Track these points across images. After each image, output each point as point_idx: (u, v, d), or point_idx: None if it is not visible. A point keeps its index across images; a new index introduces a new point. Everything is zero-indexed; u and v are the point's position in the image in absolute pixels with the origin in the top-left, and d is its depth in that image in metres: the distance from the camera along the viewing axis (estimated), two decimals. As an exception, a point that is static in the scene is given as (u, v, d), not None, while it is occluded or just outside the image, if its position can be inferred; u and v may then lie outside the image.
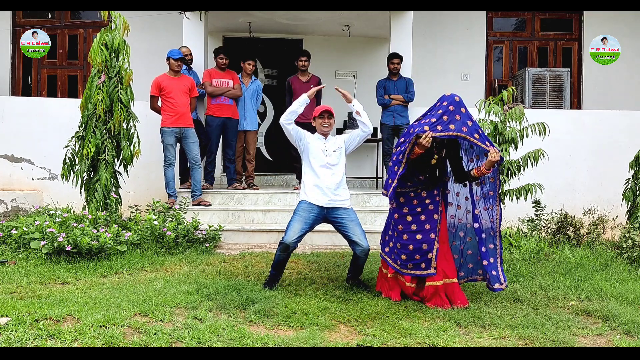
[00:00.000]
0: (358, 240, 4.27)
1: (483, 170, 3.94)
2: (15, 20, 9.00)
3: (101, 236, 5.07)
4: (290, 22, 8.28)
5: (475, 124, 3.96)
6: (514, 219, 6.57)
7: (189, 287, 4.22)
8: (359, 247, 4.27)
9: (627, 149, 6.98)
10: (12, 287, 4.19)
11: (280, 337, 3.33)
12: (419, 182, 4.12)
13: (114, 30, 5.83)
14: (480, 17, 9.20)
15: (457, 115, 3.92)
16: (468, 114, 3.97)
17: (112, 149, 5.80)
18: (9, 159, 7.33)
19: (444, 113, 3.92)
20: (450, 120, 3.90)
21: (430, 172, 4.12)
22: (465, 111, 3.96)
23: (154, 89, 6.41)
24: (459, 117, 3.91)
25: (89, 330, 3.23)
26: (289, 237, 4.22)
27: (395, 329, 3.54)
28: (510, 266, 4.97)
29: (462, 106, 3.95)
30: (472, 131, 3.91)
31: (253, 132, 7.24)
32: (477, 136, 3.92)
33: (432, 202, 4.11)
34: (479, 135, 3.93)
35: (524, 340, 3.42)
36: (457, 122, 3.90)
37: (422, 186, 4.13)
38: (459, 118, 3.91)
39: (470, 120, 3.94)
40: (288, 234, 4.24)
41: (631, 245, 5.31)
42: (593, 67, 8.84)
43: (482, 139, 3.93)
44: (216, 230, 5.86)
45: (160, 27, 8.57)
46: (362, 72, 9.06)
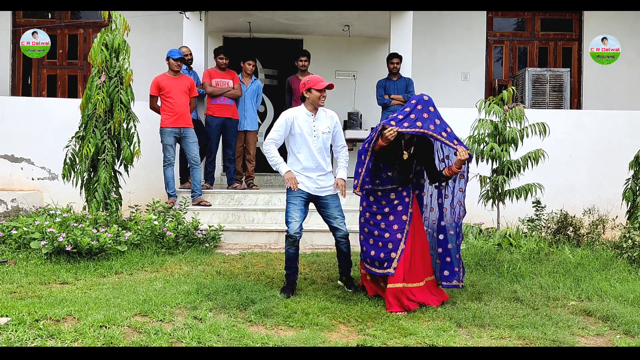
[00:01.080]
0: (337, 225, 4.32)
1: (454, 169, 3.99)
2: (15, 20, 9.00)
3: (101, 236, 5.07)
4: (290, 22, 8.28)
5: (443, 123, 4.00)
6: (514, 219, 6.57)
7: (189, 287, 4.22)
8: (339, 232, 4.32)
9: (627, 149, 6.98)
10: (12, 287, 4.19)
11: (280, 337, 3.33)
12: (388, 180, 4.13)
13: (114, 30, 5.83)
14: (480, 17, 9.20)
15: (425, 113, 3.97)
16: (437, 113, 4.01)
17: (112, 149, 5.79)
18: (9, 159, 7.33)
19: (411, 111, 3.99)
20: (417, 118, 3.96)
21: (400, 170, 4.12)
22: (434, 110, 4.01)
23: (153, 88, 6.40)
24: (426, 116, 3.97)
25: (89, 330, 3.23)
26: (293, 227, 4.20)
27: (395, 329, 3.54)
28: (510, 266, 4.97)
29: (431, 105, 4.02)
30: (439, 130, 3.96)
31: (253, 132, 7.24)
32: (444, 134, 3.95)
33: (401, 202, 4.12)
34: (447, 134, 3.96)
35: (524, 340, 3.43)
36: (425, 120, 3.96)
37: (390, 185, 4.14)
38: (426, 116, 3.97)
39: (438, 119, 3.99)
40: (291, 225, 4.21)
41: (631, 245, 5.31)
42: (593, 67, 8.83)
43: (449, 138, 3.96)
44: (216, 230, 5.86)
45: (160, 27, 8.57)
46: (362, 72, 9.06)
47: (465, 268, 4.37)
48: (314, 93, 4.26)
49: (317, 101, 4.29)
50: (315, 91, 4.26)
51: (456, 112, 7.42)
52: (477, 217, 6.88)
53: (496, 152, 5.77)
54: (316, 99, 4.28)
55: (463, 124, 6.39)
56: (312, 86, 4.26)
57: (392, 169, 4.11)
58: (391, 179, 4.12)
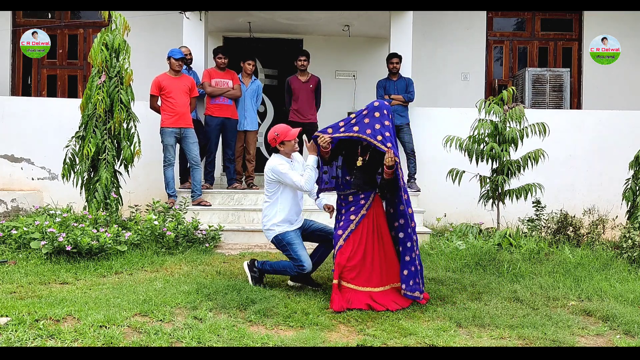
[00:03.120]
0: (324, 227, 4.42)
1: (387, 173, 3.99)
2: (15, 20, 9.00)
3: (101, 236, 5.07)
4: (290, 22, 8.28)
5: (384, 127, 3.98)
6: (514, 219, 6.57)
7: (189, 287, 4.22)
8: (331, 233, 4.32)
9: (627, 149, 6.98)
10: (12, 287, 4.19)
11: (280, 337, 3.33)
12: (347, 185, 4.18)
13: (115, 30, 5.83)
14: (480, 17, 9.20)
15: (367, 118, 4.03)
16: (381, 119, 4.01)
17: (112, 149, 5.79)
18: (9, 159, 7.33)
19: (355, 117, 4.09)
20: (357, 122, 4.05)
21: (359, 176, 4.14)
22: (379, 115, 4.02)
23: (154, 88, 6.40)
24: (367, 120, 4.03)
25: (89, 330, 3.23)
26: (308, 263, 4.21)
27: (395, 329, 3.54)
28: (510, 266, 4.97)
29: (378, 111, 4.03)
30: (376, 133, 3.96)
31: (253, 132, 7.24)
32: (380, 138, 3.94)
33: (355, 205, 4.13)
34: (382, 137, 3.94)
35: (524, 340, 3.43)
36: (365, 124, 4.01)
37: (349, 189, 4.16)
38: (367, 121, 4.03)
39: (379, 124, 3.99)
40: (306, 262, 4.19)
41: (631, 245, 5.31)
42: (593, 67, 8.83)
43: (384, 141, 3.94)
44: (216, 230, 5.86)
45: (160, 27, 8.56)
46: (362, 72, 9.06)
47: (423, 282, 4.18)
48: (288, 144, 4.32)
49: (294, 149, 4.36)
50: (288, 142, 4.31)
51: (456, 112, 7.44)
52: (477, 217, 6.89)
53: (496, 152, 5.77)
54: (292, 147, 4.35)
55: (463, 124, 6.41)
56: (284, 138, 4.30)
57: (350, 174, 4.18)
58: (349, 184, 4.17)
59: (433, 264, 5.22)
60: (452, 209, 7.28)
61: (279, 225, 4.29)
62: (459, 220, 6.79)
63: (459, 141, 5.95)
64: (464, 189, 6.35)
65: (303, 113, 7.17)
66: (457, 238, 5.79)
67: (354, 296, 3.97)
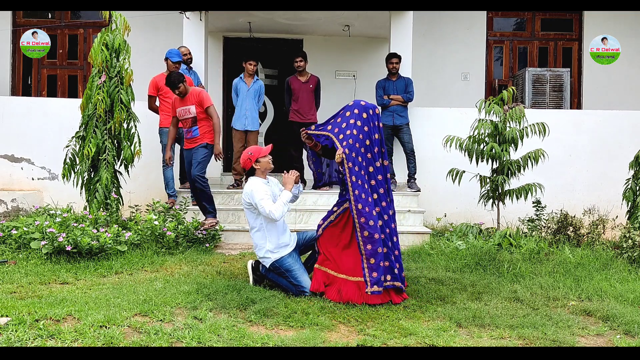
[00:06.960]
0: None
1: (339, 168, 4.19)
2: (15, 20, 9.00)
3: (101, 236, 5.07)
4: (290, 22, 8.28)
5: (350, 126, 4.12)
6: (514, 219, 6.57)
7: (189, 287, 4.22)
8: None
9: (627, 149, 6.98)
10: (12, 287, 4.19)
11: (280, 337, 3.33)
12: (339, 178, 4.38)
13: (115, 30, 5.83)
14: (480, 17, 9.20)
15: (339, 118, 4.26)
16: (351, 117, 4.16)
17: (112, 149, 5.79)
18: (9, 159, 7.33)
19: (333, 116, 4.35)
20: (331, 121, 4.31)
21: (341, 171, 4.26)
22: (350, 114, 4.19)
23: (151, 89, 6.40)
24: (340, 120, 4.24)
25: (89, 330, 3.23)
26: (309, 285, 4.18)
27: (395, 329, 3.54)
28: (510, 266, 4.97)
29: (349, 110, 4.22)
30: (340, 132, 4.14)
31: (254, 132, 7.23)
32: (341, 136, 4.12)
33: (341, 199, 4.31)
34: (343, 136, 4.11)
35: (524, 340, 3.43)
36: (336, 123, 4.24)
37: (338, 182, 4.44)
38: (339, 120, 4.23)
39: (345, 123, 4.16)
40: (307, 287, 4.16)
41: (631, 245, 5.31)
42: (593, 67, 8.83)
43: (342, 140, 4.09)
44: (216, 230, 5.86)
45: (160, 27, 8.57)
46: (362, 72, 9.06)
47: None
48: (263, 160, 4.35)
49: (269, 166, 4.40)
50: (263, 158, 4.34)
51: (456, 112, 7.44)
52: (477, 217, 6.89)
53: (496, 152, 5.77)
54: (267, 164, 4.38)
55: (463, 124, 6.41)
56: (259, 155, 4.34)
57: (338, 171, 4.33)
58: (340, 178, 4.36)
59: (433, 264, 5.22)
60: (452, 209, 7.29)
61: (273, 252, 4.25)
62: (459, 220, 6.79)
63: (459, 141, 5.95)
64: (464, 189, 6.36)
65: (303, 113, 7.17)
66: (457, 238, 5.79)
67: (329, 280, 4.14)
